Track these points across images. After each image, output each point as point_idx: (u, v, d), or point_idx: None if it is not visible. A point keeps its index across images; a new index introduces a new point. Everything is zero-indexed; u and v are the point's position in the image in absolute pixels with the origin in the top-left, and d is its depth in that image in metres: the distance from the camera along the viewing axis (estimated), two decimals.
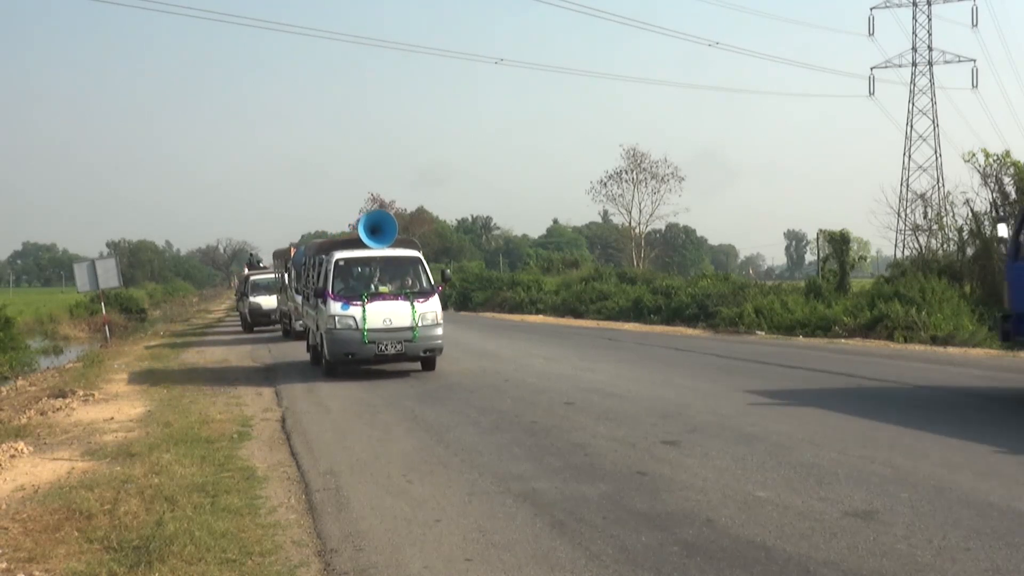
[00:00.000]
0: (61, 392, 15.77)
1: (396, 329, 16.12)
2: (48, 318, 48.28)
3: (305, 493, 8.18)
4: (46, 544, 6.79)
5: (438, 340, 16.51)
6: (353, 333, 16.03)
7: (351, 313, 16.05)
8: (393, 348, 16.12)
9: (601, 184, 66.78)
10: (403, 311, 16.19)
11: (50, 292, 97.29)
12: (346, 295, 16.29)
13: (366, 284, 16.79)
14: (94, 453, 10.29)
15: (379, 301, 16.20)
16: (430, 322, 16.33)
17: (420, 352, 16.46)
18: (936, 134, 62.98)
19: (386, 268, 17.14)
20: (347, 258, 17.05)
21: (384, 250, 17.51)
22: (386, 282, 16.85)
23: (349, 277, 16.87)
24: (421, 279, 16.93)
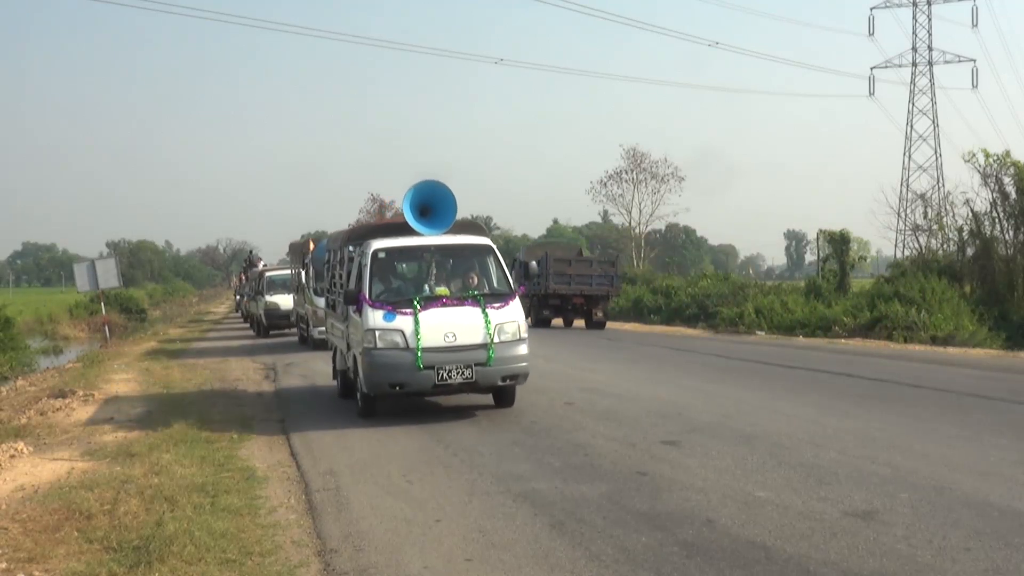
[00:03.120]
0: (61, 392, 15.76)
1: (463, 348, 11.15)
2: (48, 318, 48.31)
3: (305, 493, 8.18)
4: (46, 544, 6.78)
5: (522, 363, 11.43)
6: (401, 355, 11.06)
7: (398, 326, 11.15)
8: (459, 375, 11.06)
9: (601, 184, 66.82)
10: (472, 322, 11.29)
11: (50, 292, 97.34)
12: (390, 301, 11.47)
13: (418, 285, 12.10)
14: (94, 453, 10.29)
15: (437, 308, 11.35)
16: (510, 337, 11.37)
17: (497, 380, 11.33)
18: (936, 134, 62.99)
19: (445, 262, 12.45)
20: (390, 249, 12.20)
21: (440, 237, 12.47)
22: (445, 281, 12.18)
23: (393, 275, 12.35)
24: (494, 276, 12.21)
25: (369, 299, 11.41)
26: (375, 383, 11.24)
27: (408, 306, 11.26)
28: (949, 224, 28.71)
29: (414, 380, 11.07)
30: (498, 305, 11.45)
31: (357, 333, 11.74)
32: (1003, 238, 27.08)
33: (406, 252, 12.39)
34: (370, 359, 11.16)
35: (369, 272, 11.70)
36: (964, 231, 27.90)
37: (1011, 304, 25.61)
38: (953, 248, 28.42)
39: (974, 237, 27.41)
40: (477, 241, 12.51)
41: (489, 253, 12.32)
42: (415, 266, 12.67)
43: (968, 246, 27.74)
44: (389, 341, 11.10)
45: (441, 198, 12.43)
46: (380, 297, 11.54)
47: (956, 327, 22.46)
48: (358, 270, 12.21)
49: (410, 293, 11.67)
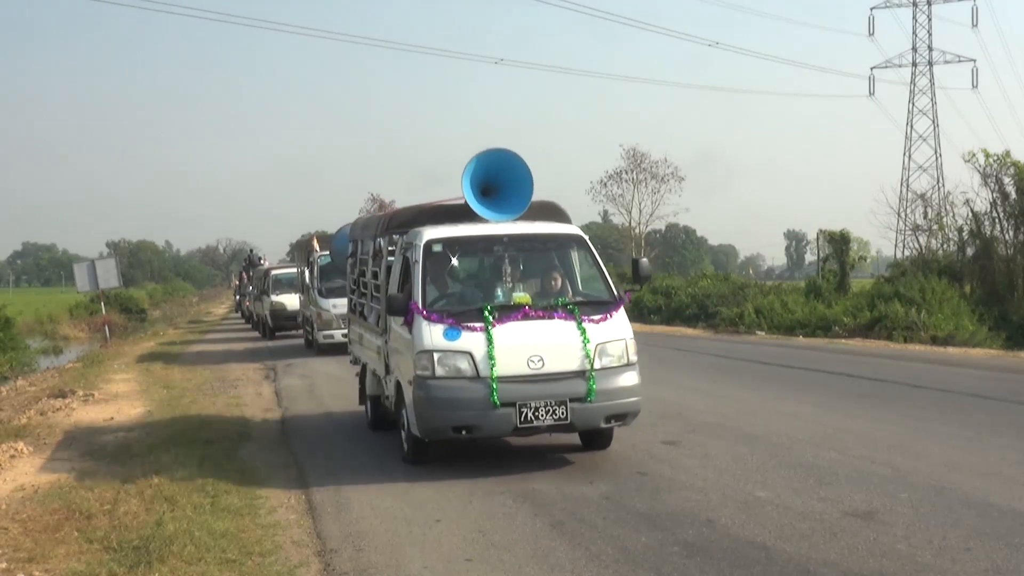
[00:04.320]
0: (61, 392, 15.77)
1: (553, 377, 8.31)
2: (48, 318, 48.31)
3: (305, 493, 8.19)
4: (46, 544, 6.79)
5: (632, 397, 8.57)
6: (469, 387, 8.19)
7: (464, 346, 8.27)
8: (548, 414, 8.23)
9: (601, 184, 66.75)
10: (565, 341, 8.43)
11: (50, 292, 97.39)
12: (453, 311, 8.54)
13: (487, 289, 9.13)
14: (94, 453, 10.29)
15: (517, 322, 8.43)
16: (616, 361, 8.56)
17: (599, 421, 8.44)
18: (936, 134, 62.97)
19: (522, 257, 9.39)
20: (449, 240, 9.08)
21: (513, 224, 9.39)
22: (520, 283, 9.22)
23: (453, 276, 9.31)
24: (582, 277, 9.49)
25: (423, 308, 8.42)
26: (432, 424, 8.26)
27: (477, 319, 8.32)
28: (949, 224, 28.69)
29: (487, 422, 8.09)
30: (598, 318, 8.55)
31: (405, 354, 8.69)
32: (1003, 238, 27.07)
33: (471, 244, 9.20)
34: (425, 391, 8.15)
35: (421, 271, 8.70)
36: (964, 231, 27.88)
37: (1011, 304, 25.59)
38: (953, 248, 28.40)
39: (974, 237, 27.39)
40: (564, 230, 9.51)
41: (580, 246, 9.35)
42: (483, 263, 9.59)
43: (968, 246, 27.72)
44: (452, 367, 8.20)
45: (513, 173, 9.40)
46: (438, 306, 8.58)
47: (956, 327, 22.44)
48: (403, 268, 9.36)
49: (478, 301, 8.75)
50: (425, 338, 8.29)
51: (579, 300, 8.87)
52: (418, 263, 8.78)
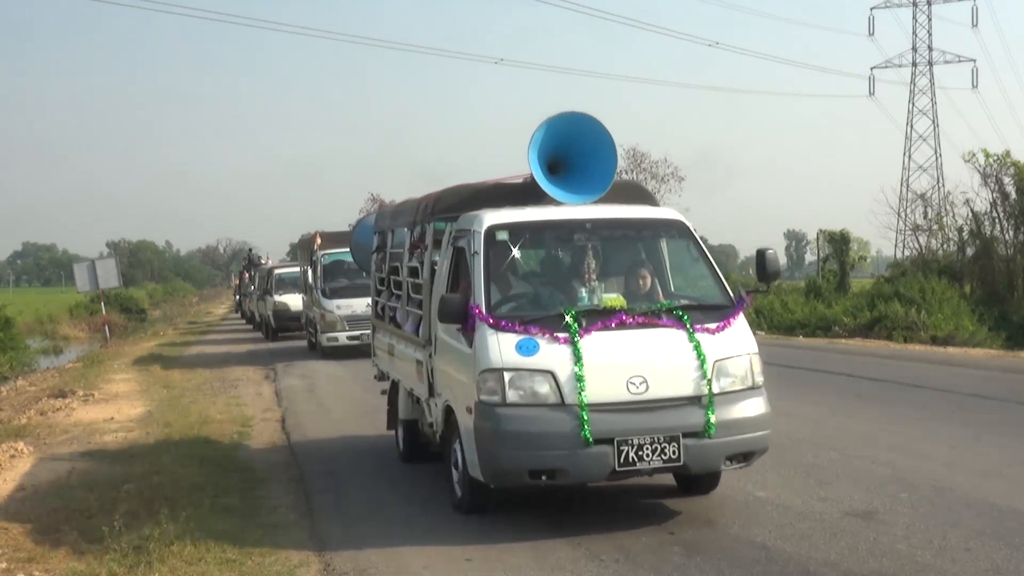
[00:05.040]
0: (61, 392, 15.77)
1: (659, 404, 6.50)
2: (48, 318, 48.32)
3: (305, 493, 8.19)
4: (46, 544, 6.79)
5: (760, 431, 6.75)
6: (551, 417, 6.39)
7: (543, 362, 6.46)
8: (656, 454, 6.40)
9: None
10: (675, 357, 6.64)
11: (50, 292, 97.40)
12: (524, 316, 6.73)
13: (566, 288, 7.20)
14: (94, 453, 10.29)
15: (610, 331, 6.62)
16: (739, 384, 6.73)
17: (719, 462, 6.64)
18: (936, 134, 62.93)
19: (604, 249, 7.48)
20: (517, 226, 7.23)
21: (597, 207, 7.51)
22: (608, 281, 7.37)
23: (521, 274, 7.58)
24: (692, 276, 7.87)
25: (487, 313, 6.55)
26: (502, 466, 6.33)
27: (558, 326, 6.45)
28: (949, 224, 28.72)
29: (576, 464, 6.22)
30: (714, 326, 6.68)
31: (461, 372, 6.79)
32: (1003, 238, 27.10)
33: (545, 231, 7.33)
34: (494, 423, 6.27)
35: (483, 265, 6.80)
36: (964, 231, 27.91)
37: (1011, 304, 25.62)
38: (953, 248, 28.44)
39: (974, 237, 27.42)
40: (664, 214, 7.67)
41: (682, 234, 7.46)
42: (558, 256, 7.56)
43: (968, 246, 27.76)
44: (528, 391, 6.33)
45: (590, 143, 7.44)
46: (505, 310, 6.72)
47: (956, 327, 22.46)
48: (453, 262, 7.41)
49: (556, 303, 6.81)
50: (492, 352, 6.34)
51: (688, 303, 6.93)
52: (478, 255, 6.84)
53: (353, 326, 19.77)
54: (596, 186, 7.44)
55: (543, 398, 6.35)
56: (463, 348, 6.72)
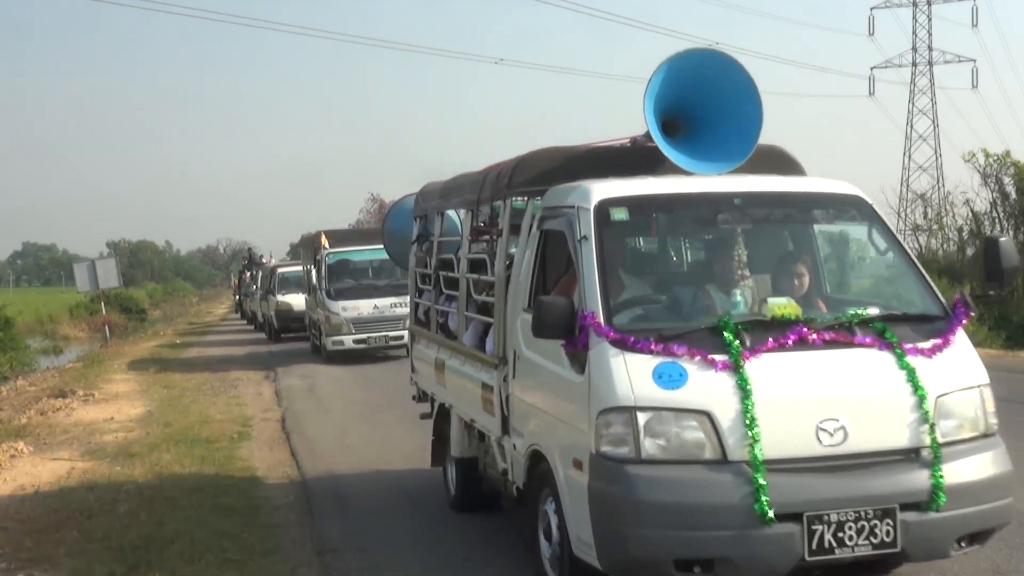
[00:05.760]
0: (61, 392, 15.78)
1: (866, 460, 4.44)
2: (48, 318, 48.34)
3: (305, 493, 8.19)
4: (46, 544, 6.79)
5: (1001, 499, 4.65)
6: (710, 480, 4.31)
7: (694, 398, 4.36)
8: (863, 535, 4.31)
9: None
10: (881, 389, 4.55)
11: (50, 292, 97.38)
12: (659, 330, 4.58)
13: (708, 290, 5.14)
14: (94, 453, 10.29)
15: (785, 351, 4.52)
16: (969, 428, 4.80)
17: (950, 545, 4.54)
18: (936, 134, 62.90)
19: (756, 236, 5.45)
20: (640, 201, 5.23)
21: (742, 178, 5.52)
22: (778, 279, 5.25)
23: (648, 267, 5.91)
24: (883, 276, 5.88)
25: (607, 324, 4.60)
26: (634, 553, 4.39)
27: (710, 344, 4.52)
28: (949, 224, 28.72)
29: (748, 550, 4.31)
30: (928, 346, 4.74)
31: (562, 407, 4.91)
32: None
33: (679, 209, 5.49)
34: (624, 488, 4.36)
35: (597, 256, 4.83)
36: (964, 231, 27.91)
37: (1011, 304, 25.59)
38: (953, 248, 28.45)
39: (974, 237, 27.42)
40: (839, 189, 5.55)
41: (864, 216, 5.45)
42: (703, 243, 5.94)
43: (968, 246, 27.76)
44: (674, 441, 4.41)
45: (723, 92, 5.61)
46: (629, 321, 4.81)
47: None
48: (537, 251, 5.52)
49: (702, 311, 4.97)
50: (619, 382, 4.37)
51: (885, 313, 4.88)
52: (588, 242, 4.84)
53: (359, 329, 18.89)
54: (733, 150, 5.50)
55: (696, 451, 4.34)
56: (567, 374, 4.70)
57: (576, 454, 4.60)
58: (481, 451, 6.69)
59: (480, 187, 6.48)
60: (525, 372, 5.36)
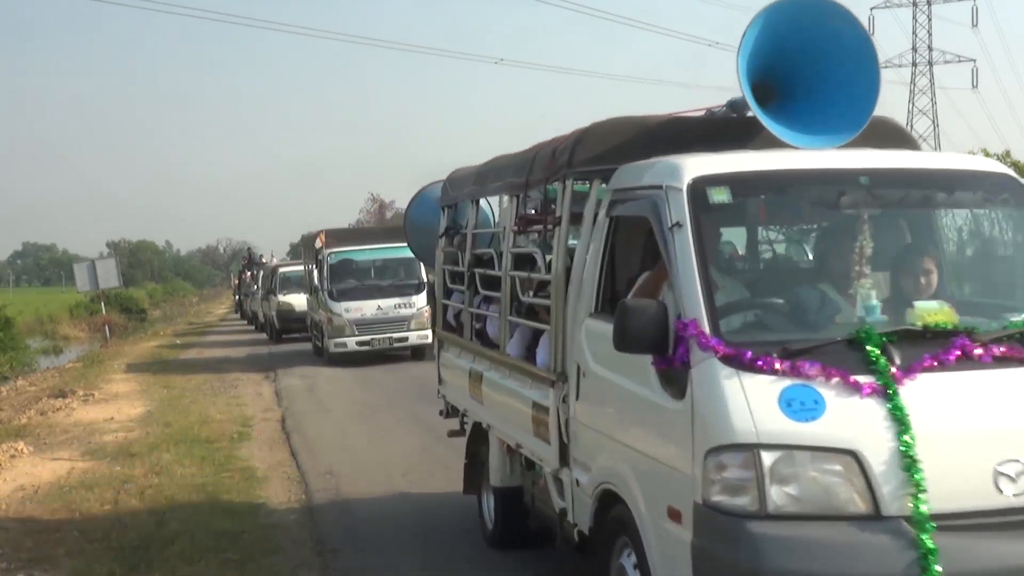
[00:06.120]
0: (61, 392, 15.78)
1: None
2: (48, 318, 48.37)
3: (305, 493, 8.19)
4: (46, 544, 6.79)
5: None
6: (860, 541, 3.22)
7: (836, 433, 3.31)
8: None
9: None
10: None
11: (50, 292, 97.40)
12: (784, 343, 3.51)
13: (830, 292, 4.04)
14: (94, 453, 10.30)
15: (947, 372, 3.46)
16: None
17: None
18: (936, 134, 62.99)
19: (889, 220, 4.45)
20: (745, 178, 4.07)
21: (870, 154, 4.41)
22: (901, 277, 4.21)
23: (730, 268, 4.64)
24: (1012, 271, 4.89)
25: (713, 334, 3.55)
26: None
27: (850, 360, 3.47)
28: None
29: None
30: None
31: (651, 439, 3.88)
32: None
33: (795, 189, 4.34)
34: (748, 551, 3.26)
35: (695, 248, 3.77)
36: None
37: None
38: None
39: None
40: (987, 167, 4.87)
41: (1021, 200, 4.71)
42: (819, 232, 4.81)
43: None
44: (810, 489, 3.31)
45: (832, 48, 4.63)
46: (741, 329, 3.82)
47: None
48: (606, 243, 4.55)
49: (829, 318, 3.92)
50: (735, 410, 3.38)
51: None
52: (683, 230, 3.82)
53: (363, 331, 18.40)
54: (843, 120, 4.53)
55: (840, 504, 3.30)
56: (658, 398, 3.73)
57: (672, 501, 3.59)
58: (528, 481, 5.76)
59: (528, 168, 5.45)
60: (594, 392, 4.36)
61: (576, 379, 4.50)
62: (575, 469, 4.60)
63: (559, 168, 4.96)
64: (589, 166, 4.79)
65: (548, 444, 4.83)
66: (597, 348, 4.25)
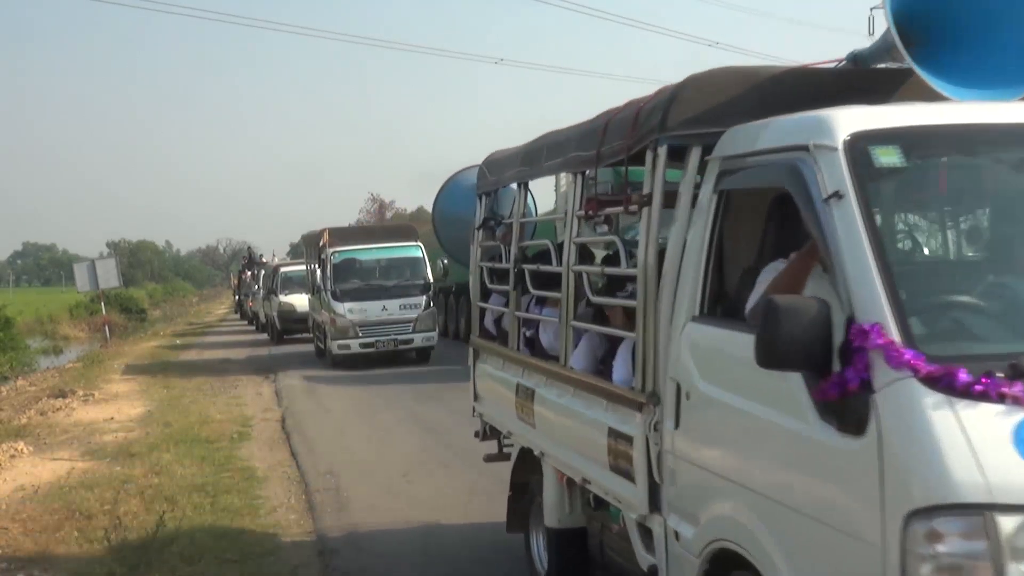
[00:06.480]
0: (61, 392, 15.78)
1: None
2: (48, 318, 48.34)
3: (305, 493, 8.19)
4: (46, 544, 6.79)
5: None
6: None
7: None
8: None
9: None
10: None
11: (50, 292, 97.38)
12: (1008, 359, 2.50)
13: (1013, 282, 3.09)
14: (94, 453, 10.30)
15: None
16: None
17: None
18: None
19: None
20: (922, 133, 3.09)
21: None
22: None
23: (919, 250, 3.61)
24: None
25: (907, 345, 2.55)
26: None
27: None
28: None
29: None
30: None
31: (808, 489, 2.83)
32: None
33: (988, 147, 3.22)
34: None
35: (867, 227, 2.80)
36: None
37: None
38: None
39: None
40: None
41: None
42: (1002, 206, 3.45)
43: None
44: None
45: None
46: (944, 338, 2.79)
47: None
48: (711, 226, 3.59)
49: None
50: (951, 455, 2.40)
51: None
52: (845, 203, 2.87)
53: (367, 332, 17.91)
54: (1011, 71, 3.67)
55: None
56: (820, 433, 2.77)
57: (849, 569, 2.64)
58: (596, 523, 4.78)
59: (600, 137, 4.38)
60: (703, 420, 3.40)
61: (675, 401, 3.53)
62: (671, 517, 3.61)
63: (647, 133, 3.91)
64: (688, 129, 3.75)
65: (631, 483, 3.85)
66: (707, 361, 3.39)
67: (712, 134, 3.68)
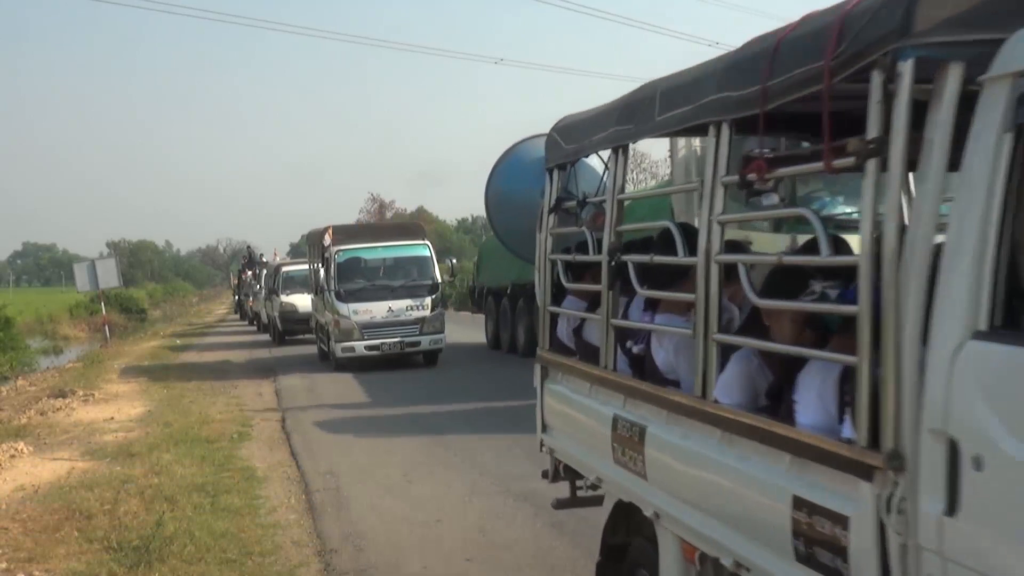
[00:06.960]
0: (61, 392, 15.78)
1: None
2: (48, 318, 48.35)
3: (305, 493, 8.19)
4: (46, 544, 6.79)
5: None
6: None
7: None
8: None
9: None
10: None
11: (50, 292, 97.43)
12: None
13: None
14: (94, 453, 10.30)
15: None
16: None
17: None
18: None
19: None
20: None
21: None
22: None
23: None
24: None
25: None
26: None
27: None
28: None
29: None
30: None
31: None
32: None
33: None
34: None
35: None
36: None
37: None
38: None
39: None
40: None
41: None
42: None
43: None
44: None
45: None
46: None
47: None
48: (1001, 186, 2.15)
49: None
50: None
51: None
52: None
53: (372, 335, 17.28)
54: None
55: None
56: None
57: None
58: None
59: (768, 64, 2.92)
60: (1014, 502, 2.04)
61: (946, 470, 2.21)
62: None
63: (872, 45, 2.44)
64: (949, 34, 2.30)
65: None
66: (1018, 405, 2.05)
67: (986, 42, 2.27)
